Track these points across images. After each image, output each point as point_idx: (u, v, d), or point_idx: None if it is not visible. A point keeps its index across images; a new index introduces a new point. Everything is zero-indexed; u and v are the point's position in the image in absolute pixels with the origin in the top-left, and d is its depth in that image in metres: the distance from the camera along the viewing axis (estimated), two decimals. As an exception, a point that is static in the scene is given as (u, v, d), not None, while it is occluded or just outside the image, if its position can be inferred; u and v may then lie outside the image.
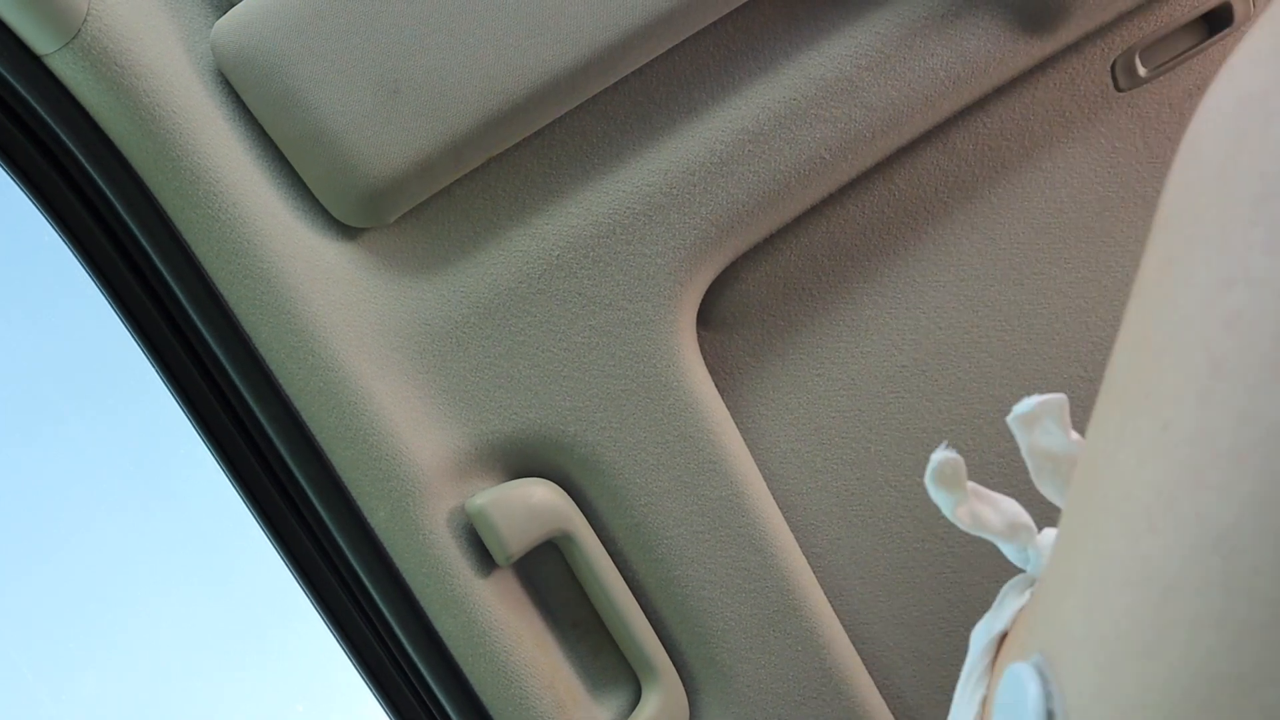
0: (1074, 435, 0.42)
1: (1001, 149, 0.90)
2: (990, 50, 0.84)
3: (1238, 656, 0.22)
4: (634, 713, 0.88)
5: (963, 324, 0.92)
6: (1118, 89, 0.90)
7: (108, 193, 0.76)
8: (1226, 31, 0.90)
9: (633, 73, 0.82)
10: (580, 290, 0.84)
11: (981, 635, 0.42)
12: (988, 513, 0.46)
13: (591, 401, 0.84)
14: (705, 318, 0.89)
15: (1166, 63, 0.90)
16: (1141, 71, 0.90)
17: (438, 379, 0.82)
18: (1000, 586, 0.46)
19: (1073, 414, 0.81)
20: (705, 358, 0.89)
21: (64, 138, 0.75)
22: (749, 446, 0.90)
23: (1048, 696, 0.28)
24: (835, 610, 0.93)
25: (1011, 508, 0.46)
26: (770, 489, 0.91)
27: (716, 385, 0.89)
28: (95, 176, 0.76)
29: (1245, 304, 0.22)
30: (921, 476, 0.93)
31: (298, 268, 0.77)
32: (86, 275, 0.79)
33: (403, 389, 0.81)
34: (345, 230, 0.81)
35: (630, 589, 0.87)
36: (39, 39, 0.72)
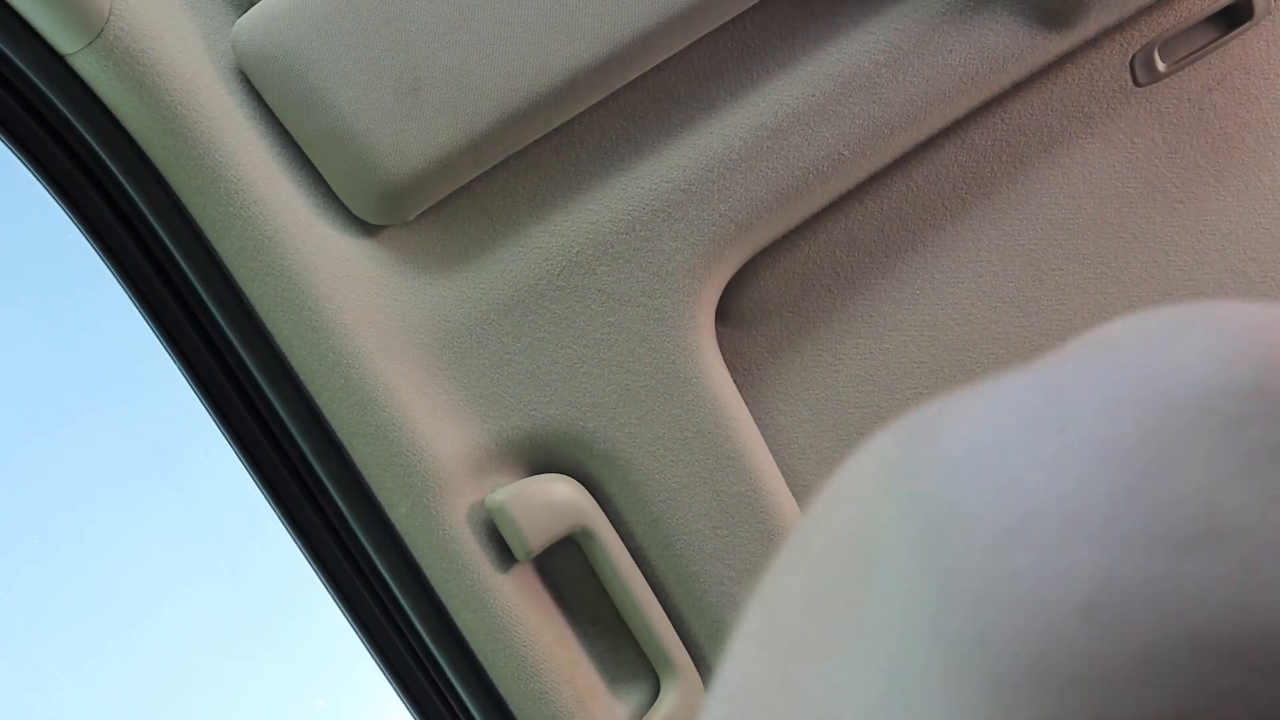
0: None
1: (1020, 145, 0.90)
2: (1008, 46, 0.84)
3: None
4: (652, 708, 0.88)
5: (981, 320, 0.92)
6: (1136, 84, 0.90)
7: (130, 190, 0.76)
8: (1246, 26, 0.90)
9: (651, 70, 0.82)
10: (599, 287, 0.84)
11: None
12: None
13: (610, 398, 0.84)
14: (724, 314, 0.89)
15: (1186, 58, 0.90)
16: (1160, 67, 0.89)
17: (458, 375, 0.83)
18: None
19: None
20: (724, 354, 0.89)
21: (87, 136, 0.75)
22: (767, 442, 0.90)
23: None
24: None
25: None
26: (789, 484, 0.91)
27: (735, 381, 0.89)
28: (118, 174, 0.76)
29: None
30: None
31: (318, 265, 0.78)
32: (109, 272, 0.80)
33: (423, 385, 0.81)
34: (366, 227, 0.81)
35: (649, 584, 0.87)
36: (63, 39, 0.73)
